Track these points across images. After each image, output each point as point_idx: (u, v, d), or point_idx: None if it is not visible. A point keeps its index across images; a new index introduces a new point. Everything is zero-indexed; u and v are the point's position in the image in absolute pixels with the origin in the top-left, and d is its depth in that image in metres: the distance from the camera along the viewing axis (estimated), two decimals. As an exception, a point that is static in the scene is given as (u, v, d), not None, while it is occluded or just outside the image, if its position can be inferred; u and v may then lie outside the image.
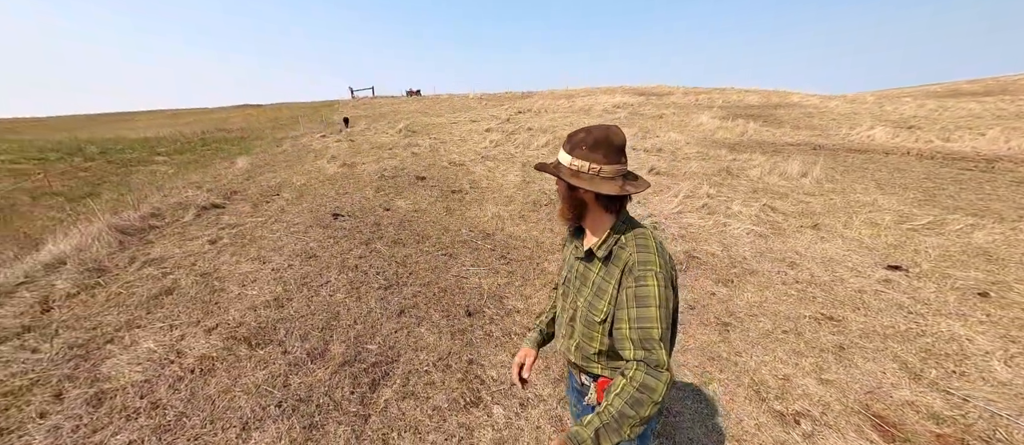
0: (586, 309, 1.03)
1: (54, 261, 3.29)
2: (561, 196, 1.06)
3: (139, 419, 1.95)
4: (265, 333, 2.56)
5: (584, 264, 1.06)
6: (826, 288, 3.16)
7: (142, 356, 2.32)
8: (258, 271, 3.28)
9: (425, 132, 11.10)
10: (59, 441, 1.83)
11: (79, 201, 5.80)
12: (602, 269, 1.01)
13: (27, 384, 2.14)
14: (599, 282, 1.01)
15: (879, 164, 7.11)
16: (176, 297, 2.92)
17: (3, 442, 1.82)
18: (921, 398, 2.12)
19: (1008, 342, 2.51)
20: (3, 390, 2.09)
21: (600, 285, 1.01)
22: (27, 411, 1.97)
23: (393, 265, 3.51)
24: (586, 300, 1.03)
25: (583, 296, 1.05)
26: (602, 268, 1.01)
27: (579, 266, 1.08)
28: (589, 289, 1.03)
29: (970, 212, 4.57)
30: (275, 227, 4.16)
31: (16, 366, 2.25)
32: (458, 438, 1.89)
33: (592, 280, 1.03)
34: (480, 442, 1.88)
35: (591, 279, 1.03)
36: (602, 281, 1.01)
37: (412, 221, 4.55)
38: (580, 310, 1.05)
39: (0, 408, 1.99)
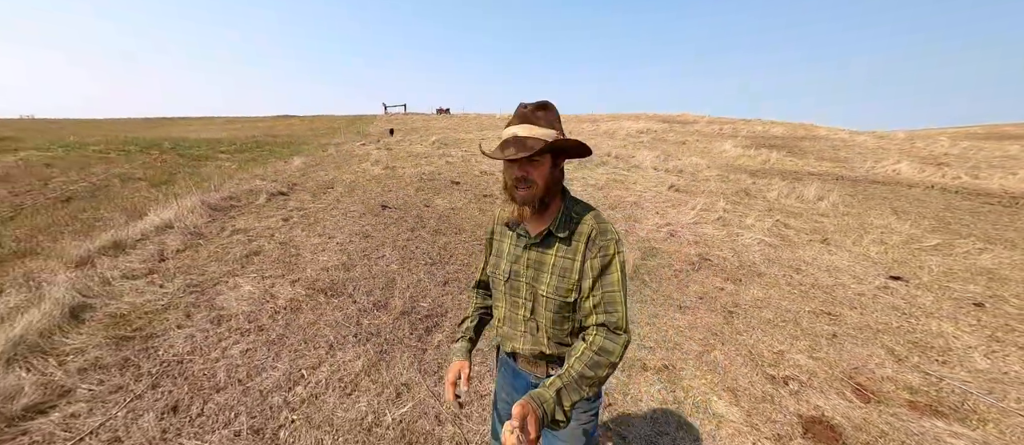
0: (552, 293, 0.99)
1: (162, 225, 4.01)
2: (541, 177, 0.96)
3: (250, 336, 2.50)
4: (337, 288, 3.11)
5: (538, 250, 1.02)
6: (828, 290, 3.48)
7: (244, 296, 2.91)
8: (325, 244, 3.89)
9: (456, 145, 11.89)
10: (194, 345, 2.40)
11: (159, 186, 6.69)
12: (561, 249, 0.99)
13: (161, 308, 2.75)
14: (561, 262, 0.99)
15: (899, 195, 7.28)
16: (262, 257, 3.54)
17: (156, 342, 2.40)
18: (901, 376, 2.44)
19: (993, 342, 2.78)
20: (147, 310, 2.70)
21: (563, 265, 0.99)
22: (168, 324, 2.56)
23: (436, 248, 4.05)
24: (550, 285, 0.99)
25: (544, 282, 1.00)
26: (561, 247, 0.99)
27: (530, 254, 1.03)
28: (549, 273, 1.00)
29: (982, 239, 4.76)
30: (334, 212, 4.81)
31: (150, 295, 2.87)
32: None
33: (552, 263, 1.00)
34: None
35: (550, 262, 1.00)
36: (564, 260, 0.99)
37: (449, 217, 5.11)
38: (544, 298, 1.00)
39: (147, 321, 2.59)
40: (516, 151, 0.91)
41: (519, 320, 1.06)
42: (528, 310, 1.04)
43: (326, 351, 2.40)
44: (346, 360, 2.34)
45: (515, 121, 0.96)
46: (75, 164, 7.45)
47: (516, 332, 1.08)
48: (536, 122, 0.94)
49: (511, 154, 0.91)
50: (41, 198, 5.90)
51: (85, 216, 4.84)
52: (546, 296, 0.99)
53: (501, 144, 0.96)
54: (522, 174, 0.94)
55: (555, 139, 0.93)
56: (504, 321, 1.11)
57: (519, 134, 0.93)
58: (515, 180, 0.96)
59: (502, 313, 1.10)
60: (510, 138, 0.94)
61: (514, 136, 0.94)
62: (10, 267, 3.30)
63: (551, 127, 0.95)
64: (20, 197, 5.95)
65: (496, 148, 0.96)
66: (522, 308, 1.05)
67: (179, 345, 2.38)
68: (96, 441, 1.78)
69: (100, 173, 7.17)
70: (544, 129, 0.93)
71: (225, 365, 2.24)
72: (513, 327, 1.08)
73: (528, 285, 1.03)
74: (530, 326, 1.05)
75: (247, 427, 1.87)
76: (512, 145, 0.92)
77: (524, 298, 1.04)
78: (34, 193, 6.11)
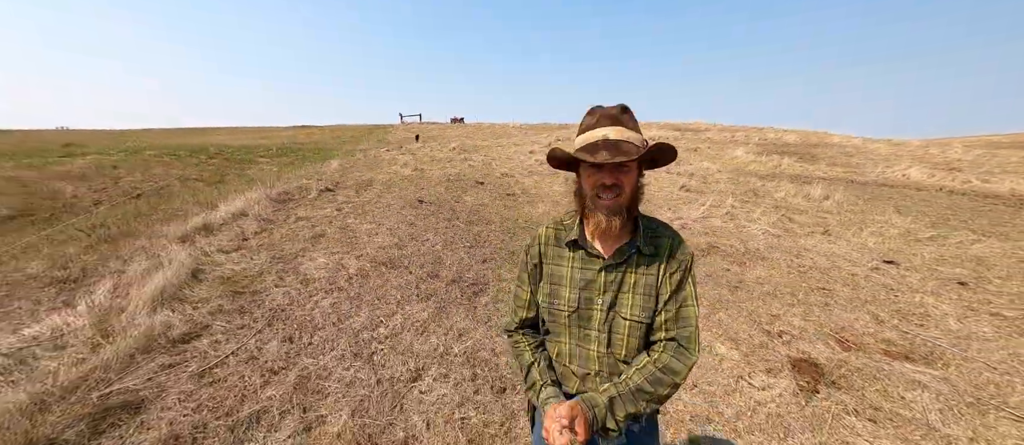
0: (638, 315, 0.90)
1: (237, 213, 4.67)
2: (630, 184, 0.88)
3: (333, 294, 3.08)
4: (394, 262, 3.69)
5: (616, 271, 0.92)
6: (824, 271, 3.92)
7: (320, 266, 3.51)
8: (377, 228, 4.49)
9: (475, 151, 12.56)
10: (291, 298, 2.99)
11: (214, 185, 7.46)
12: (643, 265, 0.91)
13: (257, 273, 3.36)
14: (644, 280, 0.91)
15: (905, 196, 7.61)
16: (327, 238, 4.15)
17: (261, 296, 3.00)
18: (880, 333, 2.88)
19: (968, 311, 3.19)
20: (247, 274, 3.32)
21: (647, 282, 0.90)
22: (266, 284, 3.16)
23: (471, 234, 4.61)
24: (634, 307, 0.90)
25: (626, 305, 0.91)
26: (643, 265, 0.91)
27: (606, 276, 0.92)
28: (631, 293, 0.91)
29: (977, 232, 5.11)
30: (378, 205, 5.43)
31: (245, 264, 3.49)
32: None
33: (633, 282, 0.91)
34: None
35: (631, 282, 0.91)
36: (647, 277, 0.91)
37: (478, 210, 5.69)
38: (626, 323, 0.91)
39: (250, 282, 3.20)
40: (611, 155, 0.81)
41: (591, 357, 0.93)
42: (603, 343, 0.92)
43: (396, 305, 2.96)
44: (414, 311, 2.89)
45: (602, 123, 0.86)
46: (138, 166, 8.29)
47: (587, 370, 0.94)
48: (625, 124, 0.86)
49: (605, 158, 0.81)
50: (116, 193, 6.70)
51: (164, 207, 5.56)
52: (630, 320, 0.90)
53: (587, 147, 0.85)
54: (612, 180, 0.85)
55: (647, 142, 0.85)
56: (569, 359, 0.96)
57: (611, 137, 0.84)
58: (600, 188, 0.86)
59: (565, 350, 0.97)
60: (600, 141, 0.84)
61: (605, 139, 0.84)
62: (122, 244, 3.98)
63: (638, 131, 0.87)
64: (98, 193, 6.76)
65: (581, 149, 0.86)
66: (595, 342, 0.92)
67: (279, 298, 2.97)
68: (236, 359, 2.35)
69: (161, 174, 7.99)
70: (635, 133, 0.86)
71: (319, 312, 2.82)
72: (583, 365, 0.94)
73: (603, 312, 0.91)
74: (606, 363, 0.92)
75: (348, 352, 2.43)
76: (604, 148, 0.83)
77: (598, 329, 0.92)
78: (109, 190, 6.92)
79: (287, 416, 1.95)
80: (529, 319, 1.04)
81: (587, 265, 0.94)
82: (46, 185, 6.79)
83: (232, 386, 2.13)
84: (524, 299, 1.04)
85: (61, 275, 3.30)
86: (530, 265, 1.02)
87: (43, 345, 2.35)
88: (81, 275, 3.32)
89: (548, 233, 1.01)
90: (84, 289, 3.04)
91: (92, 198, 6.49)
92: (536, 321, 1.04)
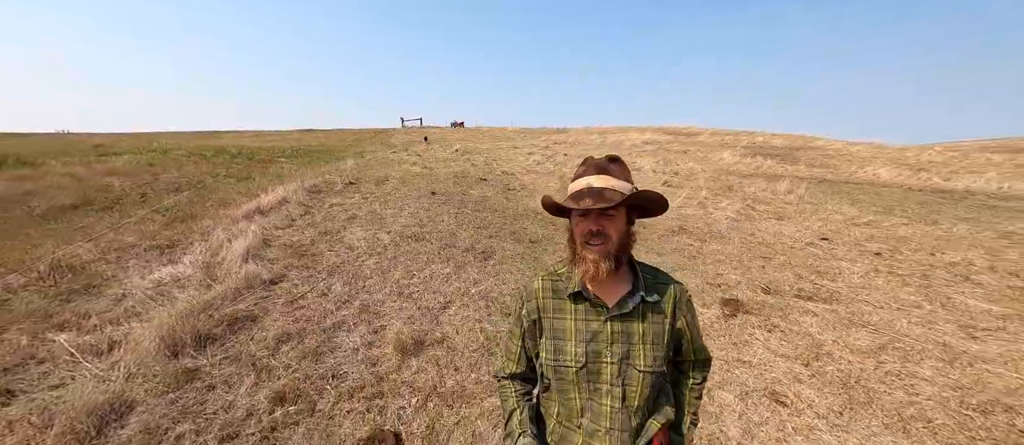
0: (651, 366, 0.89)
1: (280, 201, 5.56)
2: (616, 231, 0.88)
3: (374, 257, 3.97)
4: (418, 236, 4.58)
5: (623, 321, 0.90)
6: (769, 245, 4.83)
7: (359, 238, 4.40)
8: (399, 213, 5.38)
9: (476, 153, 13.50)
10: (342, 259, 3.87)
11: (243, 181, 8.34)
12: (650, 315, 0.91)
13: (310, 242, 4.25)
14: (652, 329, 0.91)
15: (865, 191, 8.55)
16: (360, 219, 5.05)
17: (318, 258, 3.88)
18: (797, 284, 3.78)
19: (872, 270, 4.10)
20: (303, 243, 4.21)
21: (655, 331, 0.91)
22: (320, 249, 4.05)
23: (478, 218, 5.51)
24: (647, 358, 0.89)
25: (639, 357, 0.90)
26: (651, 314, 0.91)
27: (613, 326, 0.90)
28: (641, 344, 0.90)
29: (911, 219, 6.04)
30: (397, 195, 6.33)
31: (300, 236, 4.39)
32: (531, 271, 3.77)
33: (642, 332, 0.90)
34: (545, 277, 3.75)
35: (640, 332, 0.90)
36: (655, 327, 0.91)
37: (483, 201, 6.59)
38: (640, 374, 0.89)
39: (307, 247, 4.08)
40: (594, 202, 0.84)
41: (604, 413, 0.91)
42: (617, 398, 0.90)
43: (424, 264, 3.86)
44: (438, 269, 3.79)
45: (587, 171, 0.90)
46: (171, 165, 9.18)
47: (597, 427, 0.92)
48: (611, 173, 0.89)
49: (588, 205, 0.84)
50: (160, 187, 7.58)
51: (212, 197, 6.44)
52: (643, 371, 0.90)
53: (573, 195, 0.89)
54: (597, 227, 0.87)
55: (634, 191, 0.88)
56: (577, 416, 0.94)
57: (594, 185, 0.86)
58: (586, 235, 0.88)
59: (574, 407, 0.94)
60: (584, 188, 0.87)
61: (589, 186, 0.87)
62: (193, 223, 4.86)
63: (626, 180, 0.90)
64: (143, 187, 7.65)
65: (568, 198, 0.90)
66: (608, 397, 0.91)
67: (333, 259, 3.86)
68: (313, 294, 3.24)
69: (193, 171, 8.88)
70: (621, 181, 0.88)
71: (366, 268, 3.71)
72: (594, 421, 0.92)
73: (615, 365, 0.90)
74: (620, 419, 0.90)
75: (393, 292, 3.32)
76: (588, 196, 0.86)
77: (610, 384, 0.91)
78: (152, 184, 7.80)
79: (359, 325, 2.84)
80: (519, 374, 1.05)
81: (591, 317, 0.92)
82: (96, 180, 7.67)
83: (316, 309, 3.02)
84: (515, 353, 1.04)
85: (154, 244, 4.19)
86: (526, 322, 1.00)
87: (170, 285, 3.23)
88: (171, 244, 4.20)
89: (544, 285, 0.99)
90: (180, 252, 3.93)
91: (139, 191, 7.36)
92: (525, 375, 1.06)
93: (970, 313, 3.22)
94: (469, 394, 2.26)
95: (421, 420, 2.08)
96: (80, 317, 2.82)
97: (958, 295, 3.53)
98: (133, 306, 2.94)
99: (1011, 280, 3.81)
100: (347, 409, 2.13)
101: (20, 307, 2.99)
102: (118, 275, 3.50)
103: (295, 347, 2.58)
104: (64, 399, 2.06)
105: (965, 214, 6.42)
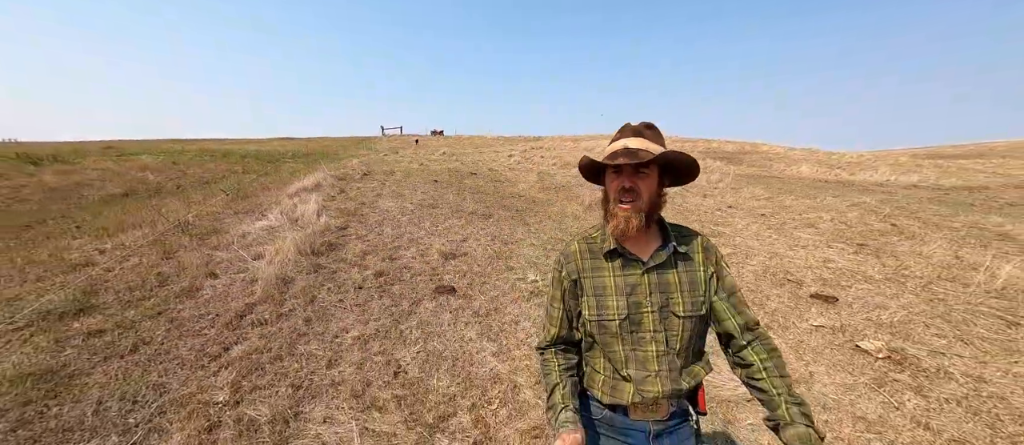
0: (690, 311, 0.98)
1: (312, 186, 7.02)
2: (647, 190, 0.97)
3: (405, 216, 5.57)
4: (433, 205, 6.21)
5: (658, 272, 1.00)
6: (690, 211, 6.75)
7: (390, 206, 5.97)
8: (414, 192, 6.99)
9: (461, 156, 15.17)
10: (383, 218, 5.46)
11: (262, 176, 9.65)
12: (682, 264, 1.01)
13: (356, 206, 5.79)
14: (686, 277, 1.00)
15: (782, 182, 10.82)
16: (384, 196, 6.61)
17: (364, 218, 5.44)
18: (701, 229, 5.65)
19: (754, 223, 6.04)
20: (350, 209, 5.74)
21: (690, 279, 1.00)
22: (365, 212, 5.62)
23: (476, 197, 7.18)
24: (685, 304, 0.98)
25: (679, 303, 0.98)
26: (681, 263, 1.01)
27: (649, 278, 0.99)
28: (678, 291, 0.99)
29: (796, 196, 8.18)
30: (407, 182, 7.92)
31: (347, 204, 5.91)
32: (524, 227, 5.46)
33: (677, 281, 1.00)
34: (538, 228, 5.45)
35: (675, 281, 1.00)
36: (689, 274, 1.01)
37: (477, 187, 8.27)
38: (680, 319, 0.98)
39: (354, 210, 5.63)
40: (627, 159, 0.93)
41: (650, 358, 0.99)
42: (660, 342, 0.98)
43: (443, 220, 5.50)
44: (453, 222, 5.43)
45: (623, 135, 1.00)
46: (192, 163, 10.37)
47: (646, 372, 0.98)
48: (646, 136, 0.98)
49: (621, 162, 0.93)
50: (191, 180, 8.83)
51: (251, 186, 7.79)
52: (683, 317, 0.97)
53: (609, 154, 0.98)
54: (630, 184, 0.95)
55: (666, 151, 0.95)
56: (624, 365, 1.00)
57: (630, 146, 0.95)
58: (620, 192, 0.97)
59: (619, 357, 1.01)
60: (619, 149, 0.96)
61: (624, 147, 0.95)
62: (251, 200, 6.26)
63: (660, 145, 0.98)
64: (175, 180, 8.88)
65: (605, 157, 0.99)
66: (651, 344, 0.99)
67: (377, 216, 5.44)
68: (372, 235, 4.80)
69: (213, 168, 10.12)
70: (655, 145, 0.96)
71: (402, 221, 5.32)
72: (642, 367, 0.99)
73: (656, 313, 0.98)
74: (666, 361, 0.98)
75: (427, 232, 4.95)
76: (623, 155, 0.94)
77: (653, 331, 0.98)
78: (182, 177, 9.04)
79: (411, 247, 4.45)
80: (561, 336, 1.10)
81: (629, 270, 1.00)
82: (131, 175, 8.82)
83: (376, 241, 4.60)
84: (556, 316, 1.10)
85: (235, 211, 5.61)
86: (566, 283, 1.07)
87: (271, 231, 4.72)
88: (248, 211, 5.63)
89: (580, 247, 1.08)
90: (260, 214, 5.38)
91: (174, 183, 8.58)
92: (568, 338, 1.11)
93: (800, 240, 5.17)
94: (487, 274, 3.93)
95: (462, 283, 3.73)
96: (228, 244, 4.29)
97: (798, 232, 5.51)
98: (256, 239, 4.43)
99: (838, 226, 5.84)
100: (420, 280, 3.75)
101: (173, 242, 4.40)
102: (225, 227, 4.94)
103: (375, 256, 4.16)
104: (253, 274, 3.56)
105: (839, 193, 8.66)
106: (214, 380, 2.39)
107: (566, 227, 5.69)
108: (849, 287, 3.74)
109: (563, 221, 6.01)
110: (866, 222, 5.98)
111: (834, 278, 3.94)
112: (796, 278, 3.98)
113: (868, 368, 2.59)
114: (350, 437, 2.01)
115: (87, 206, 6.71)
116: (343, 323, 3.02)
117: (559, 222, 5.93)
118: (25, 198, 7.05)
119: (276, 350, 2.67)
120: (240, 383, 2.36)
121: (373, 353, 2.69)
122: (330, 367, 2.55)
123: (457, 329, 3.01)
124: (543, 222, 5.88)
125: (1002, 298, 3.38)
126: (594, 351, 1.07)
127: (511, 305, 3.38)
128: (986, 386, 2.38)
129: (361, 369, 2.54)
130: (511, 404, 2.28)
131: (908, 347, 2.78)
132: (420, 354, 2.70)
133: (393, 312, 3.19)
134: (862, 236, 5.28)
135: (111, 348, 2.64)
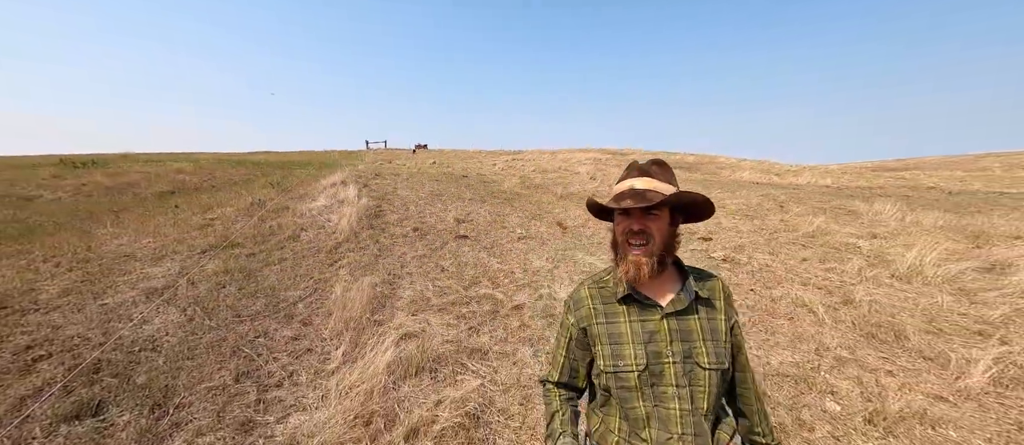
0: (715, 363, 0.91)
1: (340, 181, 8.81)
2: (659, 231, 0.92)
3: (423, 201, 7.47)
4: (440, 195, 8.14)
5: (678, 319, 0.94)
6: (637, 200, 8.90)
7: (408, 193, 7.87)
8: (422, 188, 8.89)
9: (451, 164, 17.15)
10: (405, 200, 7.33)
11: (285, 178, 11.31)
12: (703, 311, 0.95)
13: (383, 195, 7.65)
14: (709, 325, 0.94)
15: (722, 185, 13.26)
16: (399, 187, 8.48)
17: (394, 201, 7.32)
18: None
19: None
20: (378, 195, 7.59)
21: (713, 328, 0.94)
22: (392, 196, 7.49)
23: (471, 191, 9.13)
24: (709, 355, 0.91)
25: (701, 352, 0.91)
26: (703, 309, 0.95)
27: (669, 324, 0.93)
28: (701, 340, 0.92)
29: (725, 192, 10.51)
30: (413, 181, 9.81)
31: (374, 193, 7.75)
32: (511, 207, 7.45)
33: (700, 328, 0.94)
34: (521, 208, 7.46)
35: (698, 328, 0.93)
36: (711, 322, 0.95)
37: (471, 185, 10.22)
38: (706, 372, 0.90)
39: (383, 196, 7.49)
40: (634, 202, 0.89)
41: (673, 418, 0.90)
42: (685, 399, 0.90)
43: (449, 203, 7.43)
44: (459, 205, 7.37)
45: (630, 175, 0.96)
46: (216, 169, 11.88)
47: (669, 434, 0.90)
48: (654, 175, 0.94)
49: (628, 204, 0.90)
50: (219, 181, 10.42)
51: (286, 182, 9.47)
52: (708, 369, 0.90)
53: (616, 196, 0.95)
54: (639, 226, 0.91)
55: (676, 192, 0.91)
56: (644, 425, 0.92)
57: (636, 187, 0.92)
58: (629, 234, 0.93)
59: (639, 415, 0.92)
60: (627, 190, 0.93)
61: (631, 188, 0.93)
62: (299, 191, 8.01)
63: (669, 183, 0.94)
64: (208, 180, 10.45)
65: (611, 199, 0.96)
66: (675, 401, 0.90)
67: (399, 201, 7.32)
68: (406, 209, 6.67)
69: (234, 173, 11.69)
70: (664, 184, 0.93)
71: (421, 203, 7.21)
72: (664, 428, 0.90)
73: (679, 364, 0.91)
74: (692, 423, 0.89)
75: (442, 208, 6.86)
76: (629, 196, 0.91)
77: (677, 385, 0.90)
78: (211, 179, 10.60)
79: (432, 216, 6.38)
80: (563, 383, 1.08)
81: (646, 316, 0.95)
82: (170, 176, 10.34)
83: (406, 213, 6.48)
84: (560, 362, 1.07)
85: (288, 196, 7.35)
86: (574, 331, 1.03)
87: (326, 208, 6.52)
88: (300, 197, 7.39)
89: (591, 292, 1.03)
90: (310, 198, 7.16)
91: (209, 184, 10.15)
92: (570, 385, 1.08)
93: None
94: (488, 230, 5.88)
95: (472, 233, 5.65)
96: (301, 215, 6.06)
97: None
98: (319, 212, 6.22)
99: (740, 207, 8.08)
100: (444, 231, 5.66)
101: (260, 214, 6.12)
102: (290, 207, 6.69)
103: (408, 222, 6.04)
104: (332, 230, 5.37)
105: (761, 191, 11.09)
106: (337, 273, 4.22)
107: (544, 208, 7.71)
108: (722, 234, 5.87)
109: (541, 205, 8.03)
110: (763, 206, 8.27)
111: (716, 230, 6.08)
112: (692, 231, 6.09)
113: (713, 264, 4.67)
114: (426, 286, 3.89)
115: (147, 198, 8.26)
116: (401, 252, 4.89)
117: (537, 205, 7.96)
118: (91, 193, 8.53)
119: (366, 263, 4.51)
120: (353, 272, 4.20)
121: (426, 262, 4.57)
122: (402, 267, 4.42)
123: (474, 253, 4.93)
124: (525, 205, 7.89)
125: (808, 237, 5.59)
126: (610, 407, 0.99)
127: (506, 243, 5.34)
128: (767, 268, 4.48)
129: (422, 266, 4.42)
130: (509, 279, 4.21)
131: (738, 256, 4.88)
132: (453, 263, 4.60)
133: (431, 246, 5.08)
134: (753, 211, 7.52)
135: (263, 261, 4.42)
